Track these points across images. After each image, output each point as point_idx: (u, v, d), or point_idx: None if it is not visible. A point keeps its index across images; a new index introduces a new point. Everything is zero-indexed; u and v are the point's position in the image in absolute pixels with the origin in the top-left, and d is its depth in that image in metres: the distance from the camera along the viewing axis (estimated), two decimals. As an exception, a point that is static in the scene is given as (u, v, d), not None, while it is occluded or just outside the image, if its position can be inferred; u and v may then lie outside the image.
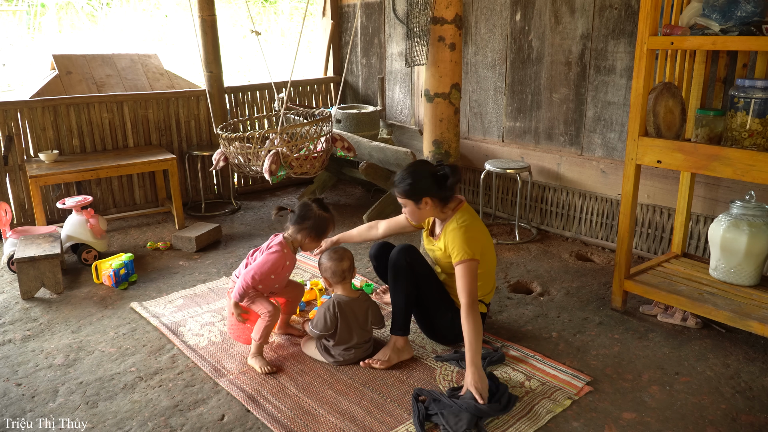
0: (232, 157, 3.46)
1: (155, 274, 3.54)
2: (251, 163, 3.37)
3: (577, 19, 3.73)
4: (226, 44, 6.14)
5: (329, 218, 2.55)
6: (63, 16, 9.95)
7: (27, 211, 4.30)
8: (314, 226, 2.51)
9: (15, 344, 2.75)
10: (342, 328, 2.48)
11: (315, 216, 2.51)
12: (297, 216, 2.53)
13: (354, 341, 2.49)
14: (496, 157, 4.40)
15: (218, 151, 3.60)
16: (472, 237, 2.40)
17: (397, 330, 2.52)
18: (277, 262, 2.47)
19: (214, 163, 3.58)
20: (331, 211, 2.59)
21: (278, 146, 3.18)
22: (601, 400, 2.29)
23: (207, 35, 4.72)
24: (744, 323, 2.53)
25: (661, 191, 3.53)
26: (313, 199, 2.58)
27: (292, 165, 3.25)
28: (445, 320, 2.55)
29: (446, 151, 2.94)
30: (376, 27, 5.24)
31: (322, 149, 3.42)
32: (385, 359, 2.48)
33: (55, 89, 4.51)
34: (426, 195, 2.40)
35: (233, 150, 3.42)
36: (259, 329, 2.46)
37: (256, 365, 2.48)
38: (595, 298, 3.15)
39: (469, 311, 2.27)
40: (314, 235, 2.53)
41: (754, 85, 2.44)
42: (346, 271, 2.52)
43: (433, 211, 2.47)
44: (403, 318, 2.51)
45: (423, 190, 2.40)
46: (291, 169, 3.25)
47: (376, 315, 2.58)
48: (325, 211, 2.54)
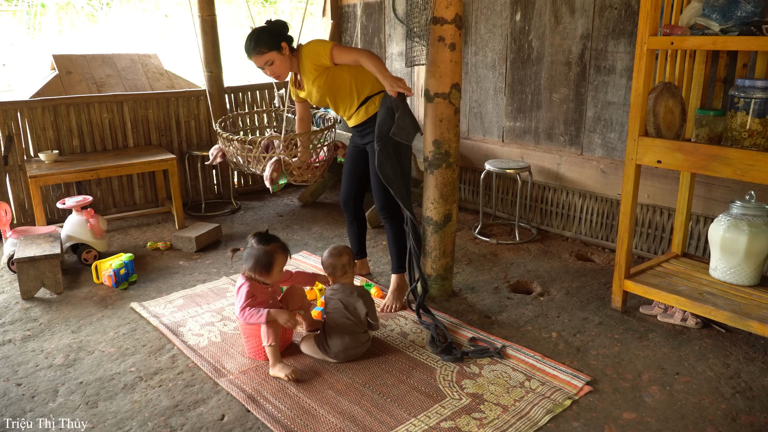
0: (231, 155, 3.45)
1: (155, 274, 3.54)
2: (250, 165, 3.35)
3: (577, 19, 3.73)
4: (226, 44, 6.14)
5: (271, 250, 2.49)
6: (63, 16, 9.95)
7: (27, 211, 4.30)
8: (257, 263, 2.48)
9: (15, 344, 2.75)
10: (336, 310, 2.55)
11: (255, 254, 2.48)
12: (243, 257, 2.53)
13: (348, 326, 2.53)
14: (496, 157, 4.40)
15: (216, 147, 3.52)
16: (317, 46, 2.75)
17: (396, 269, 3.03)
18: (248, 290, 2.48)
19: (210, 158, 3.53)
20: (275, 240, 2.54)
21: (280, 153, 3.17)
22: (600, 400, 2.29)
23: (207, 35, 4.72)
24: (744, 323, 2.53)
25: (661, 191, 3.53)
26: (254, 233, 2.55)
27: (293, 173, 3.25)
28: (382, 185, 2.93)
29: (446, 151, 2.94)
30: (376, 27, 5.24)
31: (324, 158, 3.40)
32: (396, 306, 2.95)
33: (55, 89, 4.51)
34: (280, 40, 2.74)
35: (232, 150, 3.41)
36: (265, 333, 2.45)
37: (281, 374, 2.42)
38: (595, 298, 3.15)
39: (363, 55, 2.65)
40: (262, 270, 2.48)
41: (754, 85, 2.44)
42: (346, 265, 2.65)
43: (290, 59, 2.79)
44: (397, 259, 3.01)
45: (276, 37, 2.75)
46: (292, 176, 3.25)
47: (372, 313, 2.61)
48: (266, 244, 2.50)
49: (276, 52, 2.73)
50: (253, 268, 2.49)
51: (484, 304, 3.10)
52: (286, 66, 2.82)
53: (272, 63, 2.76)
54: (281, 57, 2.76)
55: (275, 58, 2.75)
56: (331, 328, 2.55)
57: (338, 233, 4.24)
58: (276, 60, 2.75)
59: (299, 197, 5.05)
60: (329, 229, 4.34)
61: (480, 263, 3.64)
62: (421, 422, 2.15)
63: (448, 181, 2.98)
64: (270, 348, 2.45)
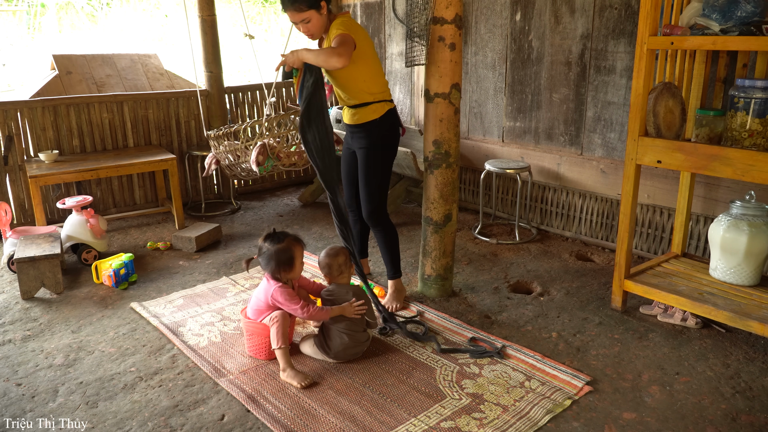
0: (223, 158, 3.45)
1: (155, 274, 3.54)
2: (241, 161, 3.35)
3: (577, 19, 3.73)
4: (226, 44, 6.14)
5: (286, 246, 2.50)
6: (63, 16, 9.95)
7: (27, 211, 4.30)
8: (279, 263, 2.48)
9: (15, 344, 2.75)
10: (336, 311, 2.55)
11: (273, 254, 2.48)
12: (262, 264, 2.53)
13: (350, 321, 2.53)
14: (496, 157, 4.40)
15: (210, 155, 3.55)
16: (349, 24, 2.68)
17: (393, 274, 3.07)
18: (287, 290, 2.48)
19: (206, 168, 3.55)
20: (286, 235, 2.54)
21: (266, 137, 3.15)
22: (600, 400, 2.29)
23: (207, 35, 4.72)
24: (744, 323, 2.53)
25: (661, 191, 3.53)
26: (264, 237, 2.55)
27: (280, 156, 3.22)
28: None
29: (446, 151, 2.94)
30: (376, 27, 5.24)
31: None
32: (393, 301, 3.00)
33: (55, 89, 4.51)
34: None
35: (223, 150, 3.41)
36: (274, 335, 2.45)
37: (293, 382, 2.38)
38: (595, 298, 3.15)
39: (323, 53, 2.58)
40: (285, 267, 2.50)
41: (754, 85, 2.44)
42: (342, 265, 2.65)
43: (326, 20, 2.73)
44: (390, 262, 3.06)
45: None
46: (279, 160, 3.22)
47: (369, 312, 2.62)
48: (280, 242, 2.50)
49: (315, 11, 2.65)
50: (277, 269, 2.49)
51: (484, 304, 3.10)
52: (322, 26, 2.73)
53: (309, 21, 2.68)
54: (319, 16, 2.68)
55: (313, 17, 2.67)
56: (330, 328, 2.55)
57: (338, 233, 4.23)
58: (313, 18, 2.67)
59: (299, 197, 5.05)
60: (329, 229, 4.34)
61: (480, 263, 3.64)
62: (421, 422, 2.15)
63: (448, 181, 2.98)
64: (280, 351, 2.43)
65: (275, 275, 2.50)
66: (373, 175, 2.91)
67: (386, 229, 3.03)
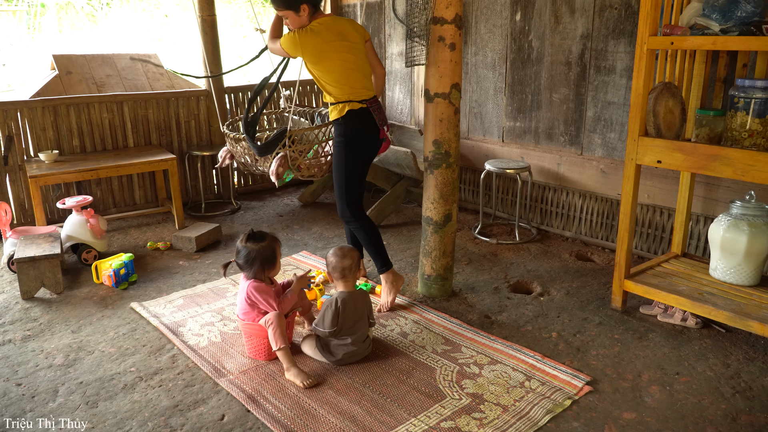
0: (239, 156, 3.46)
1: (155, 274, 3.54)
2: (258, 164, 3.36)
3: (577, 19, 3.73)
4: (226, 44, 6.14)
5: (267, 244, 2.53)
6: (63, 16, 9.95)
7: (27, 211, 4.30)
8: (264, 261, 2.51)
9: (15, 344, 2.75)
10: (344, 321, 2.51)
11: (255, 253, 2.50)
12: (242, 264, 2.54)
13: (358, 333, 2.51)
14: (496, 157, 4.40)
15: (224, 149, 3.56)
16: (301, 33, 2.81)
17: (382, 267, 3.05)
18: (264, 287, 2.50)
19: (219, 161, 3.56)
20: (267, 235, 2.56)
21: (286, 149, 3.17)
22: (600, 400, 2.29)
23: (207, 35, 4.72)
24: (744, 323, 2.53)
25: (661, 191, 3.53)
26: (245, 238, 2.55)
27: (300, 168, 3.26)
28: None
29: (446, 151, 2.94)
30: (376, 27, 5.24)
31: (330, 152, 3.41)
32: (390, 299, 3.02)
33: (55, 89, 4.51)
34: (302, 3, 2.78)
35: (240, 150, 3.42)
36: (272, 337, 2.44)
37: (297, 381, 2.38)
38: (595, 298, 3.15)
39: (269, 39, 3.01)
40: (268, 265, 2.53)
41: (754, 85, 2.44)
42: (346, 268, 2.57)
43: (307, 19, 2.83)
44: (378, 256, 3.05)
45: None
46: (299, 171, 3.26)
47: (370, 311, 2.62)
48: (263, 240, 2.53)
49: (292, 11, 2.80)
50: (261, 268, 2.51)
51: (484, 304, 3.10)
52: (300, 25, 2.86)
53: (287, 18, 2.86)
54: (296, 17, 2.81)
55: (290, 16, 2.83)
56: (337, 344, 2.52)
57: (338, 233, 4.23)
58: (290, 17, 2.83)
59: (299, 197, 5.05)
60: (329, 229, 4.34)
61: (480, 263, 3.64)
62: (421, 422, 2.15)
63: (448, 181, 2.98)
64: (281, 352, 2.43)
65: (258, 274, 2.52)
66: (338, 170, 2.99)
67: (363, 225, 3.05)
